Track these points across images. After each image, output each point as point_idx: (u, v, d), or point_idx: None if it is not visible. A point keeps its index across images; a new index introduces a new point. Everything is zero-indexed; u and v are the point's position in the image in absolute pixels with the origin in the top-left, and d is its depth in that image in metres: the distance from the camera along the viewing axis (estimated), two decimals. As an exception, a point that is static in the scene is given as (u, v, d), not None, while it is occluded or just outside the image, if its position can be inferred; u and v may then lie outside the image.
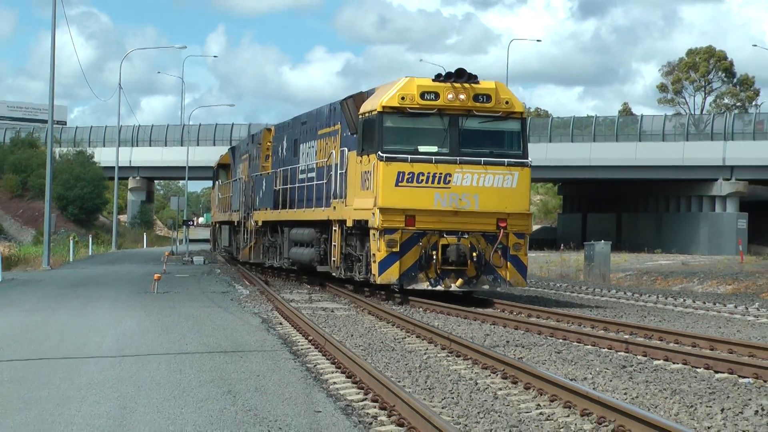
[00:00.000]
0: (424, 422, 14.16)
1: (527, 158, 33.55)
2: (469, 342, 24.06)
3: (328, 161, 39.02)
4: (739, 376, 20.40)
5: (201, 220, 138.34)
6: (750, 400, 17.60)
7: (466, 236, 31.96)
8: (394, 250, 31.47)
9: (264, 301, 36.56)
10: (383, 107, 32.28)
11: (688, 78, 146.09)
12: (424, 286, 32.21)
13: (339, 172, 37.01)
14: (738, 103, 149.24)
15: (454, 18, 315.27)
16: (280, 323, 29.33)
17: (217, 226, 73.07)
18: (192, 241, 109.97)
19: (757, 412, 16.55)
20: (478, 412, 16.31)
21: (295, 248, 44.76)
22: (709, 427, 15.33)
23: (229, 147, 73.58)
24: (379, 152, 32.12)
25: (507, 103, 33.25)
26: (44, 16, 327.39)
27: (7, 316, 30.84)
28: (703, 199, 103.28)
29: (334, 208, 37.10)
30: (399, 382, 18.27)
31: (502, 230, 32.34)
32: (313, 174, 41.93)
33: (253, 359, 21.32)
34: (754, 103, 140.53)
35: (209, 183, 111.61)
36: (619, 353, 23.64)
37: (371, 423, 15.08)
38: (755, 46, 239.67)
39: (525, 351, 23.70)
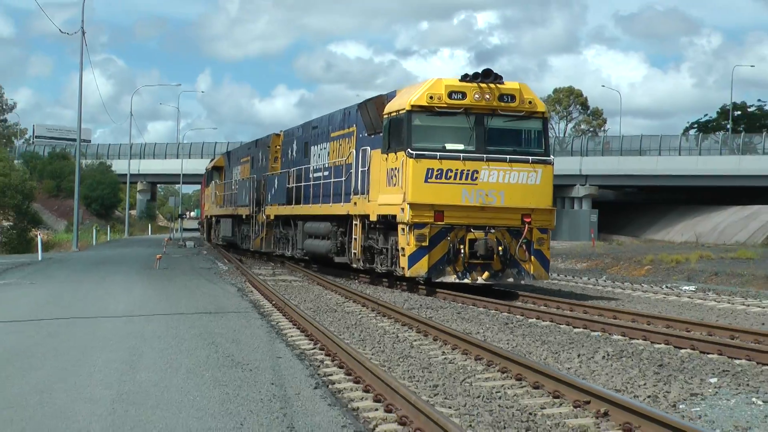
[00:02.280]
0: (358, 365, 14.16)
1: (549, 156, 28.69)
2: (392, 305, 24.06)
3: (347, 160, 33.55)
4: (591, 331, 20.52)
5: (192, 214, 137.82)
6: (599, 348, 17.68)
7: (493, 231, 27.13)
8: (423, 244, 26.68)
9: (239, 275, 36.39)
10: (412, 106, 27.28)
11: (555, 110, 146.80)
12: (452, 279, 27.20)
13: (360, 169, 31.48)
14: (591, 129, 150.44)
15: (382, 64, 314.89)
16: (251, 291, 29.24)
17: (213, 219, 67.92)
18: (185, 230, 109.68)
19: (603, 356, 16.65)
20: (399, 357, 16.33)
21: (310, 240, 38.41)
22: (569, 368, 15.40)
23: (224, 152, 68.52)
24: (409, 149, 27.11)
25: (530, 103, 28.13)
26: (74, 60, 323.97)
27: (46, 286, 30.61)
28: (566, 199, 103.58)
29: (355, 203, 31.68)
30: (339, 335, 18.23)
31: (527, 225, 27.46)
32: (326, 173, 36.39)
33: (230, 318, 21.24)
34: (602, 129, 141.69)
35: (198, 186, 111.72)
36: (503, 314, 23.68)
37: (319, 366, 15.06)
38: (603, 86, 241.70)
39: (434, 312, 23.68)
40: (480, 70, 27.70)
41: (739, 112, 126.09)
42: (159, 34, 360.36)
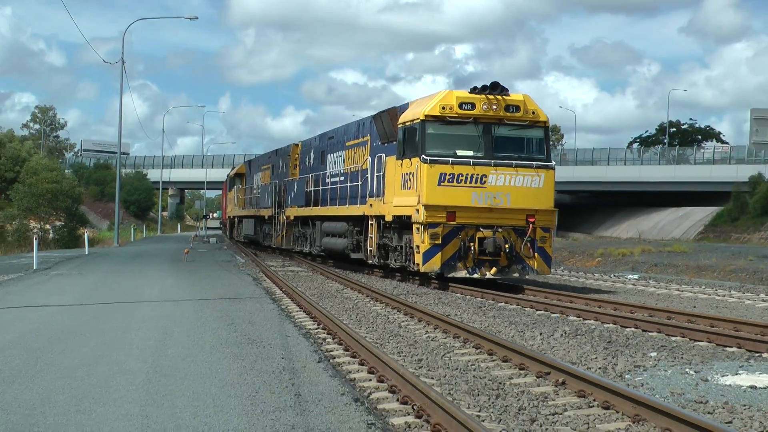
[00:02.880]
0: (355, 342, 14.16)
1: (551, 162, 27.40)
2: (384, 291, 24.05)
3: (362, 166, 31.87)
4: (551, 313, 20.53)
5: (214, 215, 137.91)
6: (558, 327, 17.69)
7: (500, 230, 25.67)
8: (436, 242, 25.28)
9: (254, 267, 36.35)
10: (426, 116, 25.80)
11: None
12: (463, 274, 25.71)
13: (376, 174, 29.78)
14: (551, 143, 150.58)
15: (375, 88, 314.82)
16: (264, 280, 29.20)
17: (236, 219, 65.80)
18: (209, 228, 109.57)
19: (561, 334, 16.66)
20: (389, 336, 16.32)
21: (327, 238, 36.66)
22: (532, 344, 15.39)
23: (245, 161, 66.77)
24: (423, 156, 25.58)
25: (533, 113, 26.64)
26: (116, 85, 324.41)
27: (91, 275, 30.58)
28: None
29: (371, 205, 29.94)
30: (339, 317, 18.21)
31: (531, 225, 26.06)
32: (342, 178, 34.72)
33: (247, 303, 21.20)
34: (560, 143, 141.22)
35: (219, 191, 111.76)
36: (477, 299, 23.68)
37: (322, 343, 15.05)
38: (560, 107, 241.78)
39: (419, 298, 23.66)
40: (488, 83, 26.37)
41: (674, 129, 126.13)
42: (187, 63, 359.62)
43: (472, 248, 25.73)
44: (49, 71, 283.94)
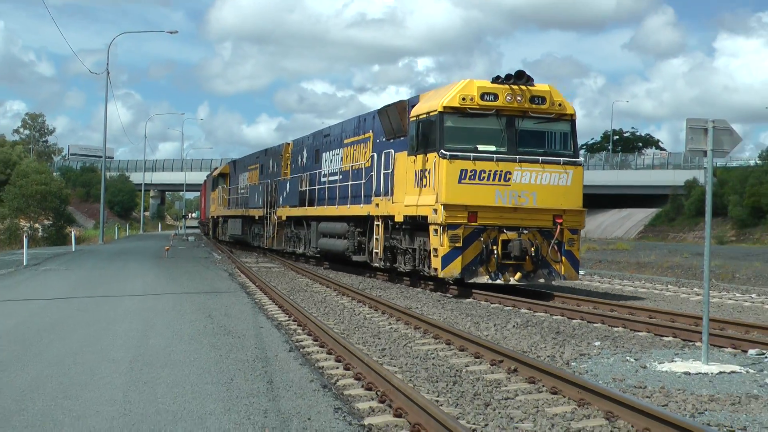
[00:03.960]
0: (323, 333, 14.14)
1: (579, 158, 23.59)
2: (350, 286, 24.01)
3: (365, 164, 27.88)
4: (504, 306, 20.56)
5: (193, 215, 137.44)
6: (510, 319, 17.73)
7: (526, 232, 21.69)
8: (457, 245, 21.21)
9: (230, 263, 36.24)
10: (444, 107, 21.78)
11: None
12: (484, 279, 21.63)
13: (383, 172, 25.69)
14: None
15: (343, 98, 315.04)
16: (239, 275, 29.11)
17: (220, 219, 61.28)
18: (188, 227, 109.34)
19: (513, 325, 16.68)
20: (355, 327, 16.31)
21: (324, 239, 32.21)
22: (487, 335, 15.42)
23: (230, 161, 62.22)
24: (442, 150, 21.60)
25: (560, 105, 22.66)
26: (101, 94, 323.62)
27: (78, 270, 30.42)
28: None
29: (377, 205, 25.89)
30: (308, 310, 18.20)
31: (558, 226, 22.03)
32: (340, 176, 30.86)
33: (223, 296, 21.15)
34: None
35: (197, 193, 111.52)
36: (436, 293, 23.67)
37: (292, 333, 15.03)
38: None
39: (383, 292, 23.65)
40: (513, 72, 22.44)
41: (617, 137, 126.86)
42: (168, 73, 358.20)
43: (495, 251, 21.68)
44: (38, 81, 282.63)
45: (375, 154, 26.83)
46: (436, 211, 21.66)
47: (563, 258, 22.50)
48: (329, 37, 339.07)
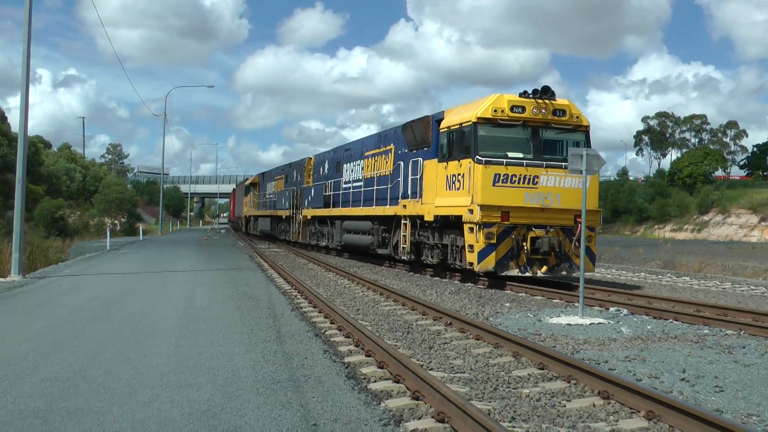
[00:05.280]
0: (316, 298, 14.05)
1: None
2: (334, 264, 23.92)
3: (389, 171, 24.06)
4: (442, 278, 20.51)
5: (224, 215, 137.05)
6: (447, 288, 17.72)
7: (552, 230, 18.41)
8: (491, 241, 17.95)
9: (250, 249, 36.01)
10: (478, 118, 18.51)
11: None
12: (515, 272, 18.22)
13: (411, 178, 21.86)
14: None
15: (330, 133, 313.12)
16: (256, 257, 28.90)
17: (251, 218, 56.10)
18: (220, 223, 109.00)
19: (449, 292, 16.68)
20: (338, 294, 16.24)
21: (348, 235, 28.05)
22: (431, 299, 15.39)
23: (259, 173, 56.12)
24: (478, 157, 18.18)
25: (577, 117, 19.23)
26: (160, 130, 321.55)
27: (144, 253, 30.20)
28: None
29: (404, 206, 21.98)
30: (305, 282, 18.12)
31: (579, 225, 18.11)
32: (362, 183, 26.91)
33: (245, 272, 21.01)
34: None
35: (227, 199, 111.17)
36: (393, 270, 23.56)
37: (294, 298, 14.90)
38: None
39: (357, 269, 23.55)
40: (539, 87, 19.14)
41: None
42: (207, 115, 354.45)
43: (525, 247, 18.18)
44: (118, 121, 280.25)
45: (401, 162, 22.85)
46: (471, 211, 18.05)
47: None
48: (320, 90, 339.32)
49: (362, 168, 27.39)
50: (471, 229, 18.14)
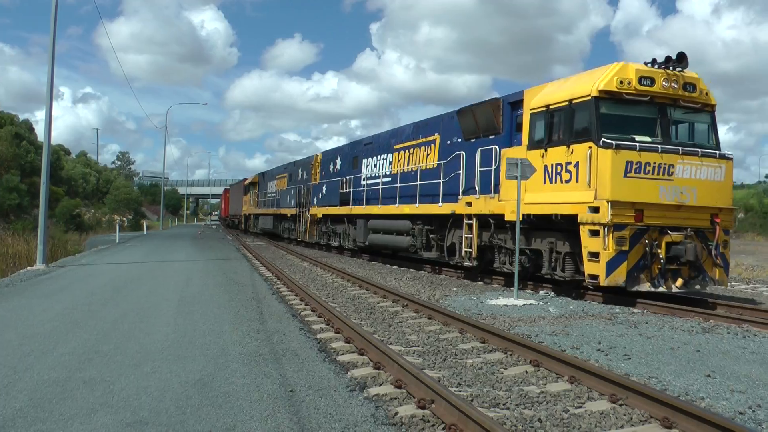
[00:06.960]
0: (293, 284, 13.98)
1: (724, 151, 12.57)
2: (308, 255, 23.77)
3: (431, 165, 17.70)
4: (400, 267, 20.41)
5: (215, 213, 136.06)
6: (404, 275, 17.64)
7: (692, 233, 11.87)
8: (623, 248, 11.33)
9: (237, 242, 35.69)
10: (600, 92, 11.73)
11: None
12: (647, 287, 11.49)
13: (478, 170, 15.16)
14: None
15: (306, 143, 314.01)
16: (242, 249, 28.62)
17: (251, 216, 47.94)
18: (212, 221, 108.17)
19: (406, 278, 16.56)
20: (312, 280, 16.13)
21: (377, 235, 21.08)
22: (390, 284, 15.30)
23: (259, 173, 47.82)
24: (604, 140, 11.44)
25: (706, 94, 12.37)
26: (162, 140, 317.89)
27: (148, 245, 29.76)
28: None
29: (468, 203, 15.35)
30: (283, 270, 18.01)
31: (717, 226, 12.09)
32: (390, 179, 20.48)
33: (233, 262, 20.82)
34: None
35: (218, 200, 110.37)
36: (358, 260, 23.45)
37: (274, 284, 14.81)
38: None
39: (328, 258, 23.41)
40: (673, 55, 12.24)
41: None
42: (201, 128, 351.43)
43: (659, 255, 11.69)
44: (126, 132, 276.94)
45: (461, 153, 16.22)
46: (596, 209, 11.63)
47: (718, 260, 12.26)
48: (298, 107, 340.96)
49: (390, 162, 21.03)
50: (594, 233, 11.70)
